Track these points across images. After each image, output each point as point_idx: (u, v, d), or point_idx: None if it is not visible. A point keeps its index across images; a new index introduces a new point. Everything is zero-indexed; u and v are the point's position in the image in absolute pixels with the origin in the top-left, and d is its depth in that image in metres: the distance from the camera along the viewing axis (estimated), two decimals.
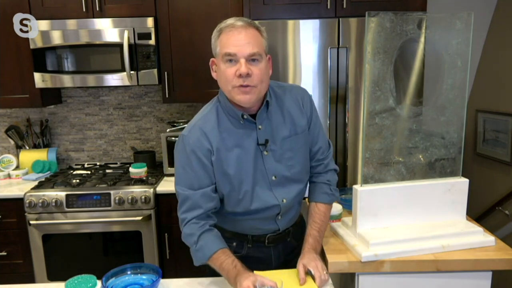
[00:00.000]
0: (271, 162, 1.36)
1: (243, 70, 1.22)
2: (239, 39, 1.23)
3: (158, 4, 2.45)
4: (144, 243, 2.37)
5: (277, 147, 1.36)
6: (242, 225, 1.43)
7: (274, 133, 1.36)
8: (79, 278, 1.29)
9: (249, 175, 1.34)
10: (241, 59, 1.23)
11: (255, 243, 1.45)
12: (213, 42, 1.31)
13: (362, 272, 1.40)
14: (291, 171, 1.38)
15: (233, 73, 1.24)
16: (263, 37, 1.28)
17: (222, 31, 1.26)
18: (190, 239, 1.31)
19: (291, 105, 1.39)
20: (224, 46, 1.25)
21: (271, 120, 1.36)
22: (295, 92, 1.43)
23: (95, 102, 2.91)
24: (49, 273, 2.39)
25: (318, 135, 1.44)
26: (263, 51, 1.27)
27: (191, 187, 1.33)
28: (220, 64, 1.28)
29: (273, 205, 1.38)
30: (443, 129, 1.53)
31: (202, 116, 1.37)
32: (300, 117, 1.39)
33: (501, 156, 2.56)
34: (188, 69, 2.53)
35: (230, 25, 1.25)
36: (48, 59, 2.46)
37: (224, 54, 1.24)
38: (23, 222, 2.34)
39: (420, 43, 1.49)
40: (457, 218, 1.56)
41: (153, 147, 2.96)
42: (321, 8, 2.28)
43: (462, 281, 1.41)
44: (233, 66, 1.24)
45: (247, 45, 1.22)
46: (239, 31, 1.23)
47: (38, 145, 2.84)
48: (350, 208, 1.55)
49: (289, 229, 1.48)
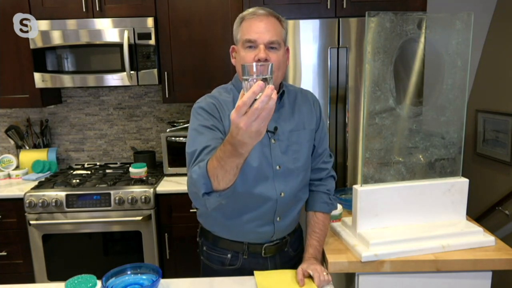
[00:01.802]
0: (277, 152, 1.36)
1: (261, 55, 1.25)
2: (260, 26, 1.28)
3: (158, 4, 2.45)
4: (144, 243, 2.37)
5: (284, 138, 1.37)
6: (239, 229, 1.39)
7: (282, 124, 1.38)
8: (79, 278, 1.29)
9: (255, 157, 1.32)
10: (260, 45, 1.27)
11: (251, 254, 1.42)
12: (234, 28, 1.35)
13: (362, 272, 1.40)
14: (295, 164, 1.39)
15: (252, 58, 1.27)
16: (283, 27, 1.34)
17: (244, 19, 1.32)
18: (196, 178, 1.12)
19: (302, 102, 1.45)
20: (245, 33, 1.30)
21: (281, 111, 1.39)
22: (308, 94, 1.49)
23: (95, 102, 2.91)
24: (49, 273, 2.38)
25: (324, 139, 1.48)
26: (282, 40, 1.32)
27: (204, 143, 1.21)
28: (240, 50, 1.32)
29: (271, 196, 1.35)
30: (443, 129, 1.53)
31: (218, 93, 1.40)
32: (309, 115, 1.43)
33: (501, 156, 2.57)
34: (188, 69, 2.54)
35: (252, 13, 1.31)
36: (48, 59, 2.46)
37: (245, 40, 1.29)
38: (23, 222, 2.34)
39: (420, 43, 1.49)
40: (457, 218, 1.56)
41: (153, 147, 2.96)
42: (321, 8, 2.28)
43: (462, 281, 1.41)
44: (252, 51, 1.28)
45: (267, 32, 1.27)
46: (260, 19, 1.29)
47: (38, 145, 2.84)
48: (350, 208, 1.55)
49: (286, 238, 1.46)
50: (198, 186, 1.12)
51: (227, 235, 1.42)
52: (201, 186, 1.11)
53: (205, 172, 1.09)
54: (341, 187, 2.31)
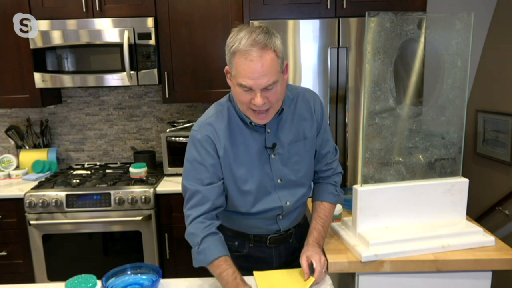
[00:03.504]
0: (277, 165, 1.37)
1: (258, 102, 1.19)
2: (255, 70, 1.16)
3: (158, 4, 2.45)
4: (144, 243, 2.37)
5: (284, 151, 1.37)
6: (243, 224, 1.44)
7: (282, 137, 1.36)
8: (79, 278, 1.29)
9: (254, 177, 1.35)
10: (257, 91, 1.19)
11: (257, 243, 1.46)
12: (227, 57, 1.23)
13: (362, 272, 1.40)
14: (297, 175, 1.39)
15: (249, 100, 1.22)
16: (279, 57, 1.21)
17: (236, 55, 1.18)
18: (193, 238, 1.29)
19: (302, 109, 1.39)
20: (239, 76, 1.19)
21: (280, 124, 1.36)
22: (308, 96, 1.42)
23: (95, 102, 2.91)
24: (49, 273, 2.39)
25: (327, 138, 1.46)
26: (280, 73, 1.22)
27: (201, 182, 1.31)
28: (235, 86, 1.23)
29: (276, 206, 1.39)
30: (443, 129, 1.53)
31: (213, 114, 1.36)
32: (310, 122, 1.40)
33: (501, 156, 2.56)
34: (188, 69, 2.53)
35: (245, 52, 1.16)
36: (48, 59, 2.46)
37: (239, 84, 1.20)
38: (23, 222, 2.34)
39: (420, 43, 1.49)
40: (457, 218, 1.56)
41: (153, 147, 2.96)
42: (321, 8, 2.28)
43: (462, 281, 1.41)
44: (248, 93, 1.21)
45: (263, 77, 1.17)
46: (255, 62, 1.16)
47: (38, 145, 2.84)
48: (350, 208, 1.55)
49: (291, 230, 1.48)
50: (191, 244, 1.31)
51: (233, 226, 1.46)
52: (196, 257, 1.29)
53: (206, 263, 1.26)
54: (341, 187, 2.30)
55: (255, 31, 1.18)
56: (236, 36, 1.19)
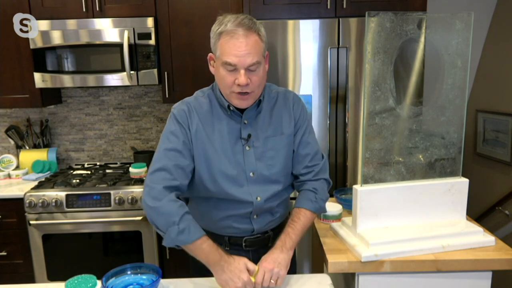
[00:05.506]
0: (251, 159, 1.37)
1: (242, 81, 1.24)
2: (240, 48, 1.23)
3: (158, 4, 2.45)
4: (144, 243, 2.37)
5: (259, 144, 1.37)
6: (217, 224, 1.42)
7: (258, 130, 1.37)
8: (79, 278, 1.29)
9: (226, 164, 1.35)
10: (241, 70, 1.24)
11: (233, 246, 1.43)
12: (212, 41, 1.32)
13: (362, 272, 1.40)
14: (271, 170, 1.38)
15: (232, 81, 1.27)
16: (263, 41, 1.28)
17: (222, 35, 1.26)
18: (168, 218, 1.25)
19: (281, 106, 1.42)
20: (224, 54, 1.25)
21: (257, 117, 1.38)
22: (288, 95, 1.46)
23: (95, 102, 2.91)
24: (49, 273, 2.38)
25: (307, 140, 1.43)
26: (262, 57, 1.29)
27: (173, 155, 1.32)
28: (219, 68, 1.29)
29: (247, 200, 1.36)
30: (443, 129, 1.53)
31: (194, 97, 1.42)
32: (287, 118, 1.41)
33: (501, 156, 2.57)
34: (188, 69, 2.54)
35: (231, 31, 1.24)
36: (48, 59, 2.46)
37: (224, 62, 1.25)
38: (23, 222, 2.34)
39: (420, 43, 1.49)
40: (457, 218, 1.56)
41: (153, 147, 2.96)
42: (321, 8, 2.28)
43: (462, 281, 1.41)
44: (232, 74, 1.26)
45: (248, 55, 1.23)
46: (240, 41, 1.23)
47: (38, 145, 2.84)
48: (350, 208, 1.55)
49: (269, 233, 1.46)
50: (159, 227, 1.28)
51: (207, 227, 1.39)
52: (177, 236, 1.27)
53: (189, 242, 1.27)
54: (341, 187, 2.31)
55: (240, 17, 1.27)
56: (222, 20, 1.28)
